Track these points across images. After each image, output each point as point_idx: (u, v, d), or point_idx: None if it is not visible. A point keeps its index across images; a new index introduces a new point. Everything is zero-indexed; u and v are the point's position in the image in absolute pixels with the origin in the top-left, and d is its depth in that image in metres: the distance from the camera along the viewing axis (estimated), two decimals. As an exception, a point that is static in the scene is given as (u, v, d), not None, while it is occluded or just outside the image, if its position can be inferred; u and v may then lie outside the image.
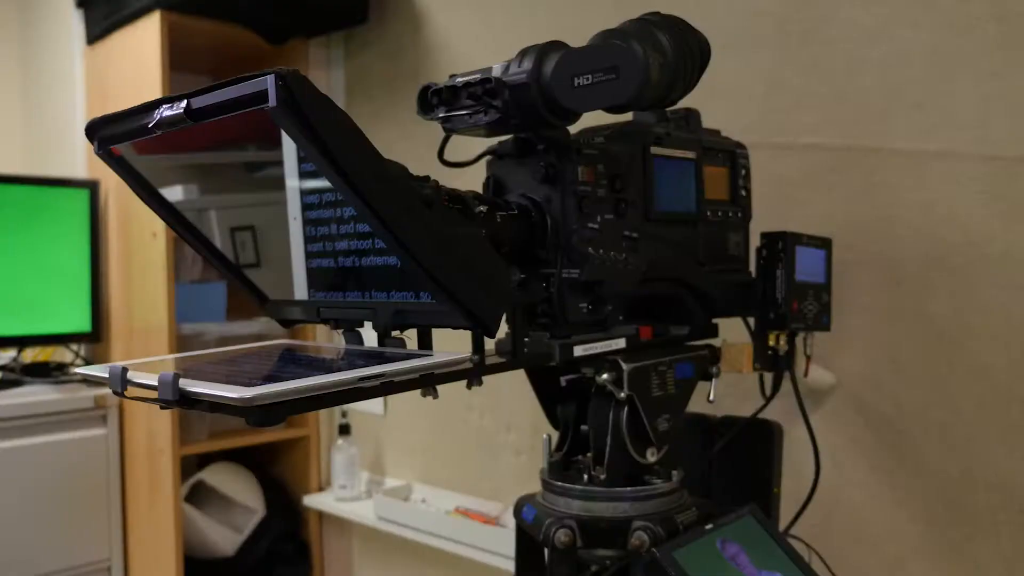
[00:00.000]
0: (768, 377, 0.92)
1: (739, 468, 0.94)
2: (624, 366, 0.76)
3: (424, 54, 1.60)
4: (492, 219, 0.69)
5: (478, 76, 0.66)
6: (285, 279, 0.71)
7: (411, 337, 0.65)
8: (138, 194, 0.65)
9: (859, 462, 1.04)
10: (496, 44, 1.47)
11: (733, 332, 0.94)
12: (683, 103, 0.75)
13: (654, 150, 0.79)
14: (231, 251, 0.71)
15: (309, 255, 0.66)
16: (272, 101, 0.46)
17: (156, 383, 0.50)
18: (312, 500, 1.79)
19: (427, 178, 0.64)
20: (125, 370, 0.54)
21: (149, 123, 0.55)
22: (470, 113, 0.67)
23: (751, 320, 0.92)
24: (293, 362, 0.62)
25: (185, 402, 0.49)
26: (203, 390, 0.47)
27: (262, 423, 0.48)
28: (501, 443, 1.48)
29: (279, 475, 1.91)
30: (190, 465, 1.78)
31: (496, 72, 0.67)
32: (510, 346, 0.70)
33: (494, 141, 0.76)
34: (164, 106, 0.54)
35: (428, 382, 0.61)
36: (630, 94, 0.62)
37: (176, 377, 0.49)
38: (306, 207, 0.65)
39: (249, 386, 0.47)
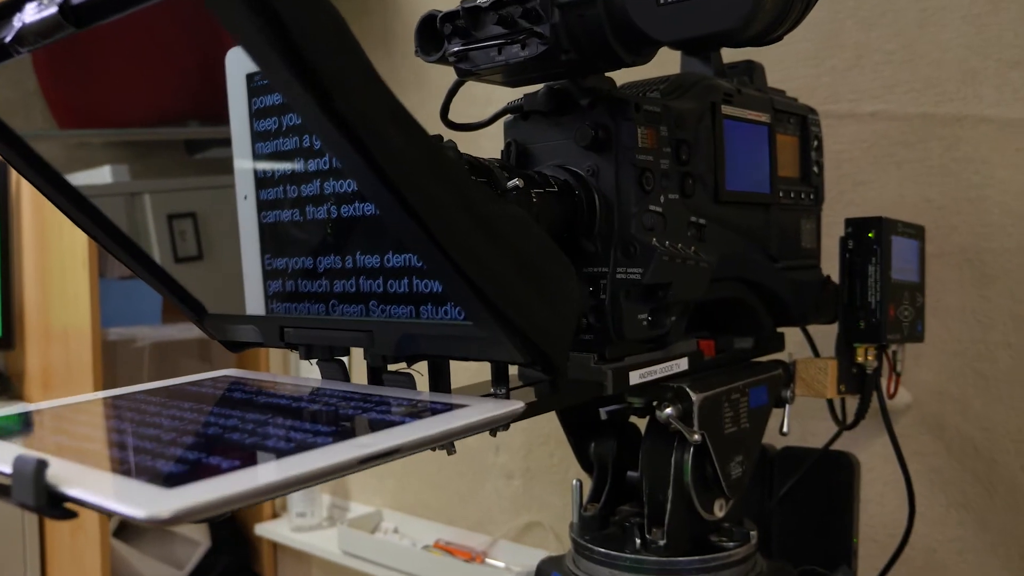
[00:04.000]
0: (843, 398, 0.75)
1: (806, 512, 0.77)
2: (693, 396, 0.57)
3: (394, 15, 1.40)
4: (527, 198, 0.49)
5: (513, -8, 0.46)
6: (234, 284, 0.52)
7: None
8: (6, 157, 0.43)
9: (938, 497, 0.87)
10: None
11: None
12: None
13: (725, 110, 0.60)
14: (168, 241, 0.51)
15: (262, 204, 0.47)
16: (206, -28, 0.25)
17: (10, 471, 0.29)
18: (265, 529, 1.61)
19: (440, 138, 0.44)
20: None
21: (6, 37, 0.35)
22: (500, 45, 0.47)
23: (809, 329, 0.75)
24: (242, 409, 0.41)
25: (57, 510, 0.28)
26: (81, 496, 0.27)
27: (179, 522, 0.28)
28: (488, 465, 1.30)
29: (226, 498, 1.72)
30: (121, 490, 1.58)
31: (541, -15, 0.47)
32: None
33: (517, 94, 0.57)
34: (29, 6, 0.34)
35: (449, 438, 0.42)
36: (739, 18, 0.44)
37: (40, 466, 0.28)
38: (258, 136, 0.45)
39: (164, 483, 0.28)
